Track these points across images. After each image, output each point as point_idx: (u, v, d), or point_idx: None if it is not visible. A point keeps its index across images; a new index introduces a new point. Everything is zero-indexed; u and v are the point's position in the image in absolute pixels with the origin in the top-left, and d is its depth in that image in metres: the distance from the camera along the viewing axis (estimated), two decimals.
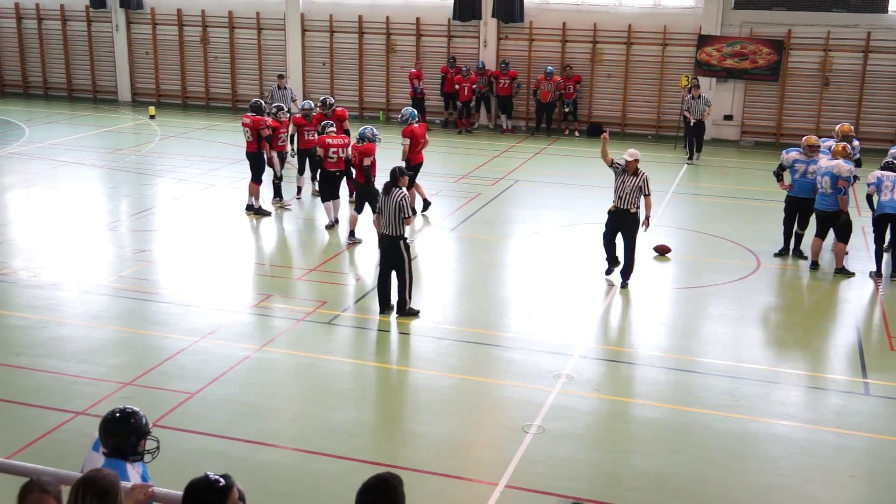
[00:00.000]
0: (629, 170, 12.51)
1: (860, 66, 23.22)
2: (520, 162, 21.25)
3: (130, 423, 5.20)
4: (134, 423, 5.20)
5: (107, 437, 5.19)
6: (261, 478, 7.82)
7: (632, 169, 12.50)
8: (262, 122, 15.90)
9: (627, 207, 12.55)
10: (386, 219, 11.21)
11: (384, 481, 4.47)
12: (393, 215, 11.12)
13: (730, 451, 8.49)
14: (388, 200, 11.19)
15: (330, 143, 15.28)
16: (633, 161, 12.46)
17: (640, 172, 12.55)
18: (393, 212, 11.11)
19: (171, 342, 10.57)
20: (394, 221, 11.14)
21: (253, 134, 15.98)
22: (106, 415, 5.26)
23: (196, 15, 27.99)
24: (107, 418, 5.22)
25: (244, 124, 16.10)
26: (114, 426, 5.19)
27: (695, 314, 12.20)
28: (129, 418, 5.21)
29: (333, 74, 27.13)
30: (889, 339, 11.23)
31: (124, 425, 5.19)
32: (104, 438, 5.20)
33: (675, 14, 24.34)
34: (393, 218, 11.13)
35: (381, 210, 11.31)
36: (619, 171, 12.58)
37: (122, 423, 5.19)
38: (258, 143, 16.01)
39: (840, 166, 13.22)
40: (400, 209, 11.09)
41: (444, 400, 9.50)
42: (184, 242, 14.57)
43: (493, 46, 25.57)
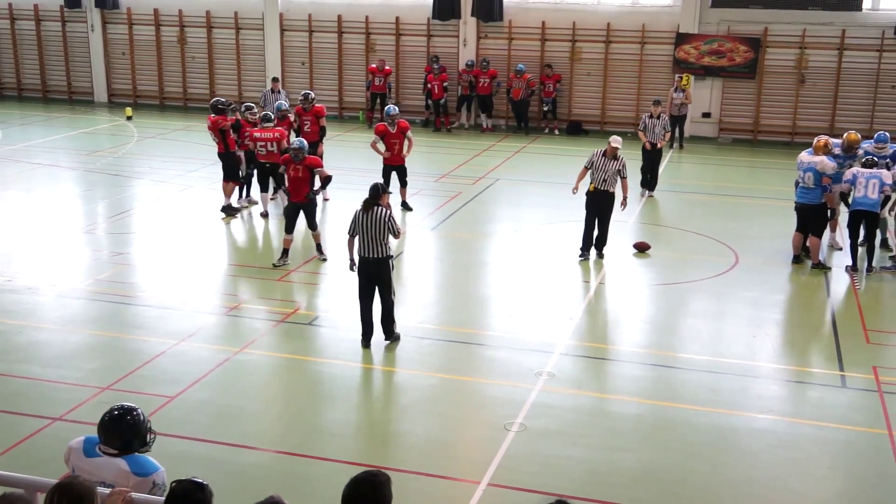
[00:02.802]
0: (609, 154, 13.51)
1: (835, 64, 23.39)
2: (500, 161, 21.27)
3: (134, 415, 5.23)
4: (137, 415, 5.24)
5: (112, 437, 5.17)
6: (244, 481, 7.79)
7: (612, 153, 13.48)
8: (220, 122, 15.88)
9: (606, 188, 13.61)
10: (368, 239, 10.08)
11: (372, 476, 4.54)
12: (378, 235, 10.05)
13: (710, 445, 8.54)
14: (369, 219, 10.05)
15: (258, 137, 15.53)
16: (616, 147, 13.48)
17: (620, 157, 13.58)
18: (378, 232, 10.04)
19: (150, 346, 10.51)
20: (379, 242, 10.08)
21: (217, 134, 15.95)
22: (105, 416, 5.24)
23: (173, 15, 27.84)
24: (111, 418, 5.21)
25: (208, 127, 16.13)
26: (120, 423, 5.19)
27: (674, 310, 12.26)
28: (130, 412, 5.24)
29: (313, 74, 27.06)
30: (865, 333, 11.33)
31: (130, 419, 5.20)
32: (109, 438, 5.17)
33: (654, 12, 24.44)
34: (378, 238, 10.06)
35: (359, 230, 10.15)
36: (596, 158, 13.64)
37: (127, 417, 5.21)
38: (225, 143, 15.98)
39: (824, 163, 13.32)
40: (389, 229, 10.05)
41: (427, 399, 9.50)
42: (162, 245, 14.49)
43: (472, 45, 25.58)
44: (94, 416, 8.31)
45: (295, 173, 13.33)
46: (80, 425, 8.43)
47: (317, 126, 17.11)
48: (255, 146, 15.55)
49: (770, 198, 17.79)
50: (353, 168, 19.24)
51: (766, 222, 16.16)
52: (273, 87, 20.61)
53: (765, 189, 18.76)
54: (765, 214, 16.79)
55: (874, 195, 13.05)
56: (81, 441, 5.31)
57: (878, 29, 22.93)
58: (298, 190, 13.40)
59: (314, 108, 17.15)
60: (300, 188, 13.38)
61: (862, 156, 13.74)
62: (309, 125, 17.08)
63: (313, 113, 17.08)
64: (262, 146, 15.45)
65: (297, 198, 13.44)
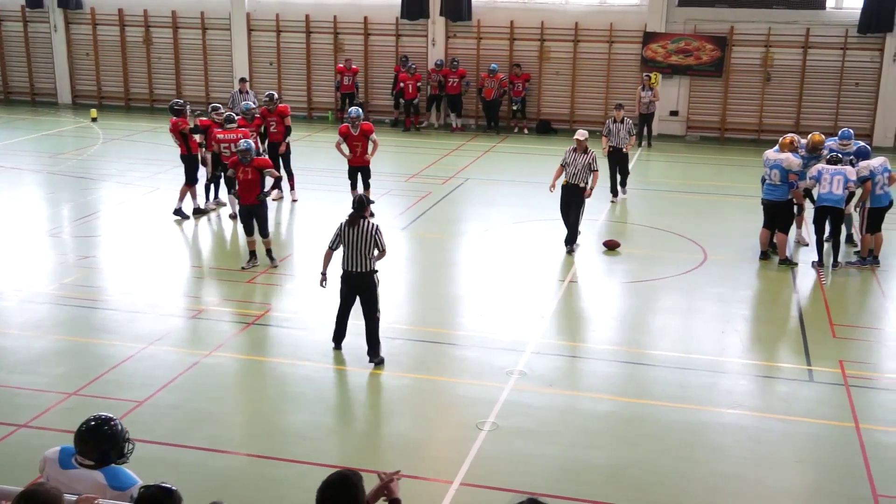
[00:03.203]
0: (579, 148, 13.93)
1: (800, 62, 23.64)
2: (470, 160, 21.28)
3: (111, 425, 5.17)
4: (114, 426, 5.18)
5: (89, 448, 5.10)
6: (214, 484, 7.73)
7: (581, 147, 13.92)
8: (178, 124, 15.77)
9: (577, 182, 13.97)
10: (354, 253, 9.79)
11: (344, 477, 4.56)
12: (364, 249, 9.77)
13: (681, 441, 8.59)
14: (355, 233, 9.76)
15: (221, 139, 15.47)
16: (583, 140, 13.91)
17: (590, 151, 14.02)
18: (364, 246, 9.76)
19: (118, 350, 10.39)
20: (365, 256, 9.78)
21: (177, 137, 15.84)
22: (82, 427, 5.16)
23: (138, 15, 27.60)
24: (87, 429, 5.13)
25: (169, 129, 16.04)
26: (96, 434, 5.12)
27: (644, 307, 12.32)
28: (107, 422, 5.17)
29: (281, 74, 26.94)
30: (831, 327, 11.44)
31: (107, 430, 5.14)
32: (85, 449, 5.10)
33: (621, 12, 24.56)
34: (365, 251, 9.78)
35: (344, 244, 9.84)
36: (568, 155, 14.03)
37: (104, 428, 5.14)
38: (186, 145, 15.87)
39: (790, 160, 13.45)
40: (376, 243, 9.79)
41: (398, 399, 9.48)
42: (129, 247, 14.34)
43: (441, 45, 25.57)
44: (61, 422, 8.30)
45: (244, 175, 13.06)
46: (47, 431, 8.33)
47: (282, 126, 17.04)
48: (220, 147, 15.45)
49: (737, 195, 17.94)
50: (321, 168, 19.19)
51: (733, 219, 16.29)
52: (241, 87, 20.48)
53: (732, 186, 18.91)
54: (732, 211, 16.93)
55: (839, 191, 13.19)
56: (57, 451, 5.22)
57: (842, 27, 23.20)
58: (249, 192, 13.12)
59: (278, 108, 17.09)
60: (250, 190, 13.10)
61: (826, 154, 13.88)
62: (275, 125, 17.00)
63: (278, 113, 17.02)
64: (225, 147, 15.35)
65: (247, 200, 13.17)
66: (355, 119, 15.66)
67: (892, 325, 11.70)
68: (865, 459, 8.24)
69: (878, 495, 7.68)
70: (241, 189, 13.25)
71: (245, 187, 13.13)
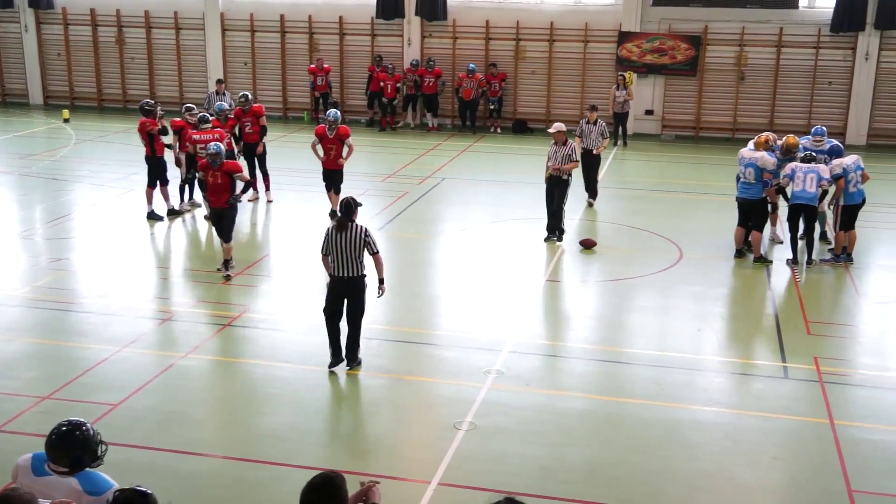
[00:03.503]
0: (559, 141, 14.37)
1: (773, 61, 23.81)
2: (446, 160, 21.27)
3: (83, 430, 5.09)
4: (87, 430, 5.11)
5: (61, 455, 5.03)
6: (190, 487, 7.68)
7: (560, 140, 14.35)
8: (146, 124, 15.67)
9: (560, 175, 14.39)
10: (343, 258, 9.54)
11: (328, 479, 4.55)
12: (354, 253, 9.53)
13: (657, 438, 8.62)
14: (344, 237, 9.50)
15: (197, 140, 15.35)
16: (559, 133, 14.36)
17: (569, 142, 14.50)
18: (354, 250, 9.53)
19: (92, 353, 10.30)
20: (355, 260, 9.56)
21: (144, 137, 15.74)
22: (52, 434, 5.09)
23: (110, 15, 27.38)
24: (58, 436, 5.06)
25: (137, 129, 15.95)
26: (68, 440, 5.05)
27: (621, 306, 12.36)
28: (79, 427, 5.10)
29: (256, 75, 26.82)
30: (806, 324, 11.53)
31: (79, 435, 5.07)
32: (57, 456, 5.03)
33: (596, 11, 24.64)
34: (355, 256, 9.55)
35: (332, 249, 9.58)
36: (550, 149, 14.52)
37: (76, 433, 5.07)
38: (152, 146, 15.77)
39: (764, 159, 13.54)
40: (368, 245, 9.56)
41: (375, 400, 9.46)
42: (102, 249, 14.22)
43: (416, 45, 25.55)
44: (34, 426, 8.21)
45: (214, 179, 12.83)
46: (19, 436, 8.23)
47: (257, 126, 16.98)
48: (195, 148, 15.36)
49: (712, 193, 18.03)
50: (297, 169, 19.11)
51: (708, 217, 16.38)
52: (218, 88, 20.37)
53: (707, 185, 19.01)
54: (707, 210, 17.02)
55: (812, 189, 13.29)
56: (29, 458, 5.14)
57: (815, 26, 23.39)
58: (218, 196, 12.90)
59: (253, 109, 17.01)
60: (220, 194, 12.88)
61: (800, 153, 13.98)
62: (250, 126, 16.93)
63: (253, 113, 16.95)
64: (202, 148, 15.22)
65: (217, 204, 12.96)
66: (333, 123, 15.55)
67: (866, 321, 11.81)
68: (840, 455, 8.30)
69: (853, 490, 7.74)
70: (210, 193, 13.05)
71: (214, 191, 12.92)
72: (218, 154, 12.79)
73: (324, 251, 9.71)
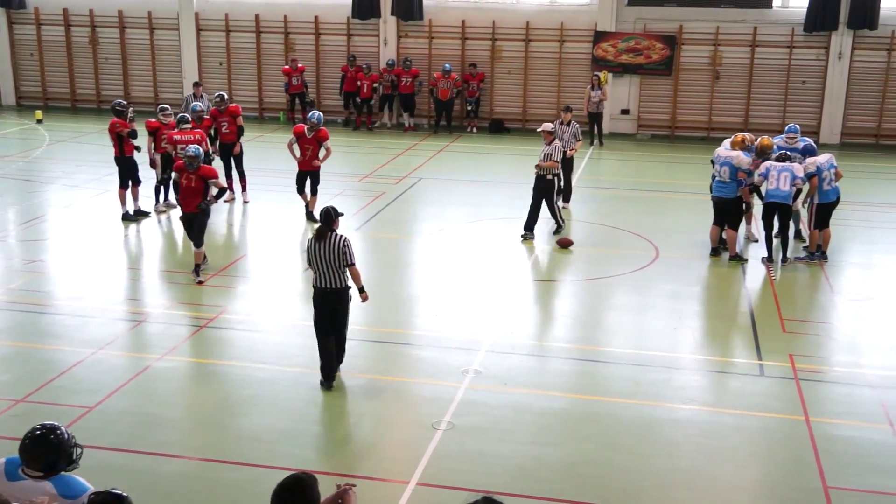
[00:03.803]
0: (546, 140, 14.79)
1: (748, 60, 23.98)
2: (423, 160, 21.26)
3: (57, 434, 5.06)
4: (61, 434, 5.07)
5: (35, 459, 4.99)
6: (166, 490, 7.63)
7: (547, 139, 14.79)
8: (116, 125, 15.58)
9: (545, 174, 14.67)
10: (325, 269, 9.24)
11: (299, 480, 4.55)
12: (335, 263, 9.22)
13: (634, 437, 8.65)
14: (324, 247, 9.20)
15: (178, 140, 15.21)
16: (545, 132, 14.86)
17: (554, 142, 14.83)
18: (335, 259, 9.20)
19: (67, 355, 10.21)
20: (336, 271, 9.24)
21: (113, 137, 15.66)
22: (25, 439, 5.04)
23: (83, 15, 27.17)
24: (32, 440, 5.02)
25: (108, 129, 15.87)
26: (42, 444, 5.01)
27: (598, 305, 12.41)
28: (53, 431, 5.06)
29: (231, 75, 26.70)
30: (781, 322, 11.61)
31: (53, 438, 5.03)
32: (31, 461, 4.99)
33: (572, 11, 24.71)
34: (335, 266, 9.22)
35: (313, 260, 9.28)
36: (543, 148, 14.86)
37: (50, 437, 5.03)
38: (120, 147, 15.67)
39: (739, 158, 13.63)
40: (344, 255, 9.20)
41: (354, 400, 9.44)
42: (77, 251, 14.11)
43: (392, 44, 25.52)
44: (8, 430, 8.13)
45: (187, 182, 12.55)
46: None
47: (234, 126, 16.90)
48: (175, 149, 15.25)
49: (688, 192, 18.13)
50: (273, 170, 19.04)
51: (684, 216, 16.47)
52: (195, 91, 20.26)
53: (682, 184, 19.10)
54: (683, 208, 17.11)
55: (786, 187, 13.39)
56: (2, 463, 5.09)
57: (788, 26, 23.57)
58: (189, 200, 12.60)
59: (230, 109, 16.93)
60: (191, 199, 12.58)
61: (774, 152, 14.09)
62: (226, 126, 16.85)
63: (229, 113, 16.87)
64: (181, 149, 15.12)
65: (187, 208, 12.64)
66: (315, 124, 15.34)
67: (841, 319, 11.91)
68: (815, 452, 8.36)
69: (829, 487, 7.80)
70: (181, 196, 12.76)
71: (187, 194, 12.63)
72: (196, 157, 12.55)
73: (308, 263, 9.47)
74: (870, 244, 15.22)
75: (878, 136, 23.82)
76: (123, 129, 15.55)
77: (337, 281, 9.30)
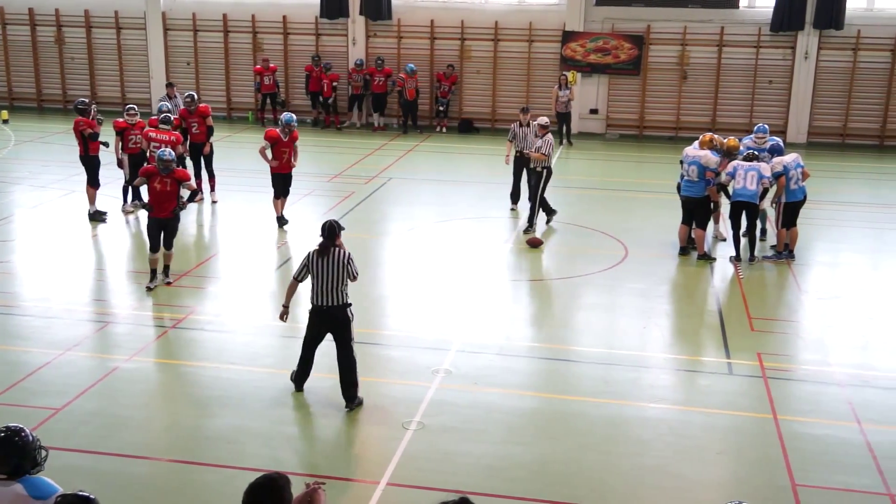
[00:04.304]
0: (540, 133, 15.29)
1: (715, 60, 24.16)
2: (392, 160, 21.24)
3: (22, 436, 5.03)
4: (25, 436, 5.04)
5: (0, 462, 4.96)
6: (134, 492, 7.58)
7: (542, 133, 15.25)
8: (79, 124, 15.47)
9: (535, 166, 15.36)
10: (326, 285, 8.83)
11: (271, 480, 4.53)
12: (337, 279, 8.84)
13: (604, 435, 8.69)
14: (327, 263, 8.83)
15: (153, 138, 15.13)
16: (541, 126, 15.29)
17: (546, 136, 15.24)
18: (337, 276, 8.83)
19: (33, 357, 10.10)
20: (337, 287, 8.86)
21: (78, 136, 15.55)
22: None
23: (49, 14, 26.87)
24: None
25: (72, 128, 15.75)
26: (6, 447, 4.97)
27: (567, 304, 12.45)
28: (17, 433, 5.03)
29: (199, 75, 26.51)
30: (749, 321, 11.71)
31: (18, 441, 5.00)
32: None
33: (540, 11, 24.79)
34: (338, 283, 8.84)
35: (313, 276, 8.88)
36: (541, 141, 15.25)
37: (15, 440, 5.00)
38: (85, 146, 15.56)
39: (708, 157, 13.74)
40: (349, 273, 8.89)
41: (323, 401, 9.40)
42: (44, 252, 13.96)
43: (361, 44, 25.46)
44: None
45: (162, 187, 12.04)
46: None
47: (204, 126, 16.80)
48: (150, 146, 15.17)
49: (656, 192, 18.22)
50: (243, 170, 18.95)
51: (652, 215, 16.56)
52: (168, 92, 20.10)
53: (651, 183, 19.21)
54: (652, 208, 17.21)
55: (753, 186, 13.52)
56: None
57: (755, 26, 23.79)
58: (163, 205, 12.11)
59: (199, 109, 16.83)
60: (166, 203, 12.12)
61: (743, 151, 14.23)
62: (196, 126, 16.75)
63: (199, 114, 16.76)
64: (155, 147, 14.98)
65: (161, 213, 12.13)
66: (290, 126, 15.11)
67: (808, 317, 12.03)
68: (783, 449, 8.45)
69: (797, 484, 7.88)
70: (153, 200, 12.18)
71: (160, 199, 12.12)
72: (171, 160, 12.15)
73: (298, 276, 9.00)
74: (836, 243, 15.40)
75: (843, 136, 24.10)
76: (88, 127, 15.44)
77: (336, 298, 8.87)
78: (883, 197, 18.75)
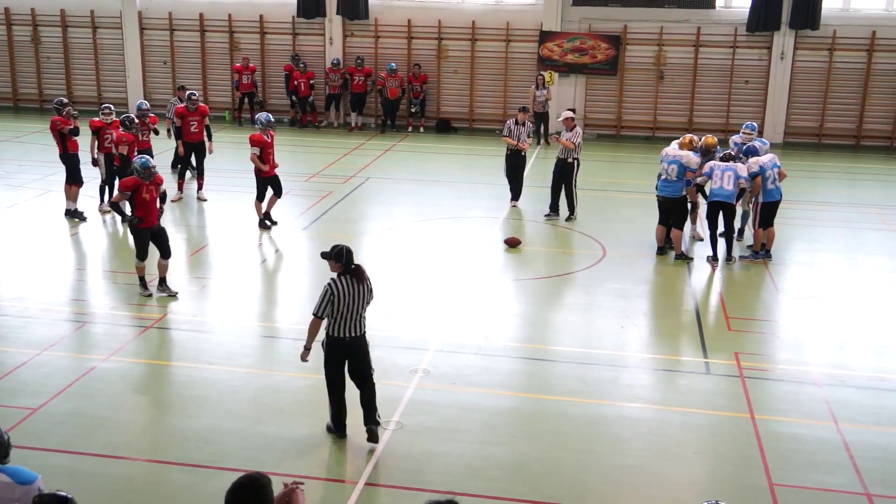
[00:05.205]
0: (568, 126, 15.87)
1: (692, 60, 24.28)
2: (370, 159, 21.21)
3: None
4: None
5: None
6: (112, 492, 7.54)
7: (570, 125, 15.85)
8: (57, 123, 15.45)
9: (565, 157, 16.03)
10: (352, 314, 8.09)
11: (253, 480, 4.54)
12: (362, 309, 8.17)
13: (583, 435, 8.72)
14: (358, 293, 8.07)
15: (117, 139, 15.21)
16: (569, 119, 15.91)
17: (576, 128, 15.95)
18: (363, 305, 8.17)
19: (10, 356, 10.02)
20: (360, 316, 8.19)
21: (56, 135, 15.51)
22: None
23: (25, 13, 26.64)
24: None
25: (49, 128, 15.75)
26: None
27: (546, 304, 12.48)
28: None
29: (175, 74, 26.35)
30: (726, 320, 11.79)
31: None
32: None
33: (517, 11, 24.83)
34: (361, 311, 8.17)
35: (341, 306, 8.03)
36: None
37: None
38: (63, 144, 15.54)
39: (689, 157, 13.82)
40: (371, 297, 8.30)
41: (301, 401, 9.38)
42: (21, 251, 13.85)
43: (339, 44, 25.41)
44: None
45: (150, 195, 11.66)
46: None
47: (202, 125, 17.06)
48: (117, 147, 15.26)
49: (634, 192, 18.32)
50: (224, 170, 18.89)
51: (630, 215, 16.64)
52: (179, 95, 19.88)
53: (628, 183, 19.29)
54: (629, 208, 17.28)
55: (729, 187, 13.60)
56: None
57: (731, 26, 23.93)
58: (152, 213, 11.78)
59: (199, 108, 17.09)
60: (153, 208, 11.83)
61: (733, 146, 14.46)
62: (195, 125, 17.01)
63: (199, 113, 16.95)
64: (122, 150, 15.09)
65: (152, 222, 11.79)
66: (271, 124, 14.97)
67: (785, 317, 12.11)
68: (761, 449, 8.51)
69: (774, 484, 7.94)
70: (140, 212, 11.70)
71: (148, 208, 11.72)
72: (154, 167, 11.80)
73: (321, 313, 8.09)
74: (813, 243, 15.51)
75: (820, 136, 24.28)
76: (65, 126, 15.38)
77: (359, 328, 8.20)
78: (859, 197, 18.91)
